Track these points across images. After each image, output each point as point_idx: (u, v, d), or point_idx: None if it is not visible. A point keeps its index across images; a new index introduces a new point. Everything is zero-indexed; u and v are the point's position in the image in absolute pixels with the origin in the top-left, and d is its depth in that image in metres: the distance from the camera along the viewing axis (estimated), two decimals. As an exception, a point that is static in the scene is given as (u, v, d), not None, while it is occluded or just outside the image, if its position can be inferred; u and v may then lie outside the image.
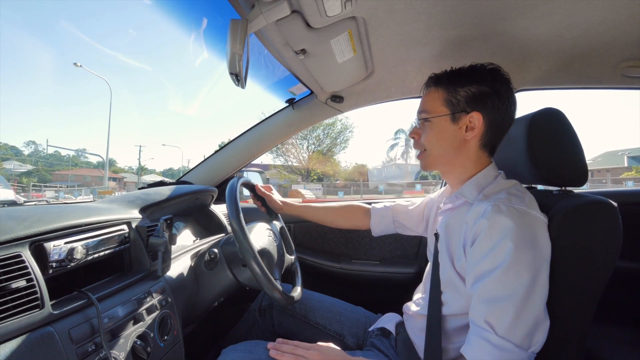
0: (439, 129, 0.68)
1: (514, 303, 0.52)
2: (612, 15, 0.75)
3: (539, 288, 0.53)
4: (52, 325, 0.52)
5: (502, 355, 0.52)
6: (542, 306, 0.54)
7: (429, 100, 0.70)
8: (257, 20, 0.65)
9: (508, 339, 0.52)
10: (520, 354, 0.52)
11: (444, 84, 0.68)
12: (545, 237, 0.57)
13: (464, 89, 0.66)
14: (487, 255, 0.55)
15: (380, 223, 0.98)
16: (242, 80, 0.66)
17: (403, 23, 0.79)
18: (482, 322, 0.54)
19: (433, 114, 0.68)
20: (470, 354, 0.55)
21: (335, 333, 0.90)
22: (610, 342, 0.96)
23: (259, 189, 1.03)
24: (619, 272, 0.70)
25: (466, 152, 0.68)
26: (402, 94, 1.24)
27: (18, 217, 0.58)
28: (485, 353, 0.53)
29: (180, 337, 0.77)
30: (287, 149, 22.66)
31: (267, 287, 0.74)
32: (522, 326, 0.52)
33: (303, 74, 1.02)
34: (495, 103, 0.65)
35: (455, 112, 0.66)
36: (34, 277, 0.52)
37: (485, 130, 0.66)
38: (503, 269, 0.53)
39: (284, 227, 1.08)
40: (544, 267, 0.55)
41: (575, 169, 0.68)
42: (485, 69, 0.66)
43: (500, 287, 0.54)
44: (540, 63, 0.99)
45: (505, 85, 0.65)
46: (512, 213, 0.56)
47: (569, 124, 0.70)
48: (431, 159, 0.71)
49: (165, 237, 0.75)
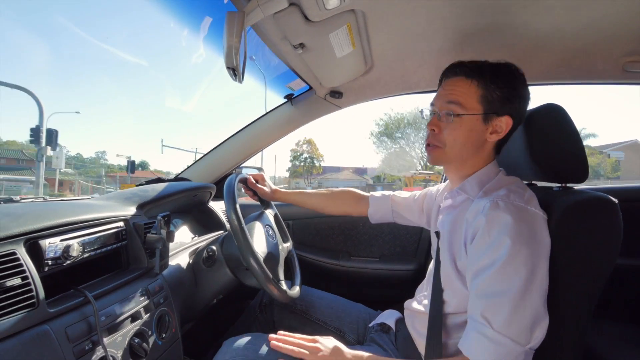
0: (468, 127, 0.63)
1: (510, 298, 0.52)
2: (613, 10, 0.74)
3: (536, 284, 0.53)
4: (48, 324, 0.52)
5: (497, 349, 0.51)
6: (541, 302, 0.53)
7: (463, 92, 0.63)
8: (254, 12, 0.64)
9: (504, 334, 0.51)
10: (516, 349, 0.51)
11: (479, 77, 0.62)
12: (544, 233, 0.57)
13: (500, 89, 0.61)
14: (486, 251, 0.55)
15: (378, 210, 0.97)
16: (240, 74, 0.65)
17: (403, 17, 0.77)
18: (479, 316, 0.54)
19: (468, 111, 0.62)
20: (466, 349, 0.55)
21: (336, 329, 0.90)
22: (611, 339, 0.96)
23: (250, 181, 1.02)
24: (620, 269, 0.70)
25: (482, 152, 0.66)
26: (402, 89, 1.22)
27: (13, 214, 0.57)
28: (481, 347, 0.52)
29: (179, 334, 0.77)
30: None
31: (266, 286, 0.74)
32: (519, 321, 0.52)
33: (301, 69, 1.00)
34: (522, 107, 0.64)
35: (489, 113, 0.62)
36: (29, 275, 0.51)
37: (507, 134, 0.64)
38: (501, 265, 0.53)
39: (277, 214, 1.07)
40: (543, 263, 0.54)
41: (575, 165, 0.68)
42: (518, 70, 0.63)
43: (497, 282, 0.53)
44: (541, 58, 0.98)
45: (527, 90, 0.64)
46: (510, 209, 0.56)
47: (570, 119, 0.69)
48: (448, 157, 0.66)
49: (163, 234, 0.75)
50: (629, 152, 22.46)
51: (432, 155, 0.68)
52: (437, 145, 0.66)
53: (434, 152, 0.68)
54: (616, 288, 0.87)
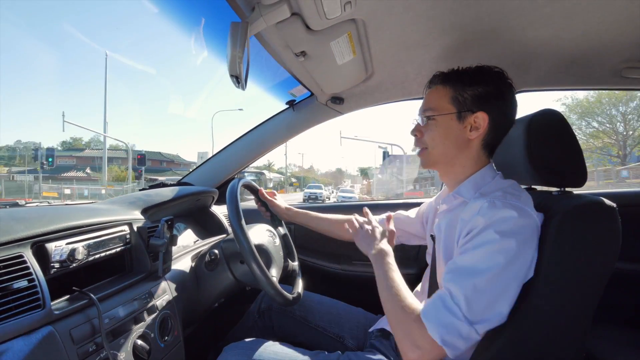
0: (444, 127, 0.68)
1: (479, 279, 0.54)
2: (611, 16, 0.75)
3: (507, 278, 0.55)
4: (53, 325, 0.53)
5: (447, 317, 0.54)
6: (504, 296, 0.55)
7: (435, 97, 0.69)
8: (257, 22, 0.65)
9: (460, 307, 0.54)
10: (463, 324, 0.53)
11: (451, 82, 0.68)
12: (534, 236, 0.58)
13: (471, 88, 0.66)
14: (472, 239, 0.58)
15: None
16: (243, 82, 0.66)
17: (402, 25, 0.79)
18: (444, 287, 0.58)
19: (439, 112, 0.68)
20: (423, 309, 0.58)
21: (336, 335, 0.90)
22: (610, 343, 0.96)
23: (263, 194, 1.03)
24: (619, 274, 0.70)
25: (468, 151, 0.68)
26: (402, 95, 1.24)
27: (20, 217, 0.58)
28: (436, 310, 0.56)
29: (181, 337, 0.77)
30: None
31: (265, 285, 0.75)
32: (477, 301, 0.54)
33: (303, 76, 1.02)
34: (500, 104, 0.66)
35: (461, 111, 0.66)
36: (35, 277, 0.53)
37: (489, 131, 0.66)
38: (481, 249, 0.56)
39: (287, 234, 1.08)
40: (521, 262, 0.56)
41: (574, 169, 0.69)
42: (492, 70, 0.67)
43: (471, 261, 0.57)
44: (539, 64, 1.00)
45: (509, 88, 0.67)
46: (508, 207, 0.57)
47: (568, 125, 0.70)
48: (433, 157, 0.71)
49: (166, 238, 0.76)
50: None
51: (420, 157, 0.74)
52: (422, 147, 0.72)
53: (421, 155, 0.73)
54: (615, 292, 0.87)
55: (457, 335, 0.53)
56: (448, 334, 0.53)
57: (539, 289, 0.58)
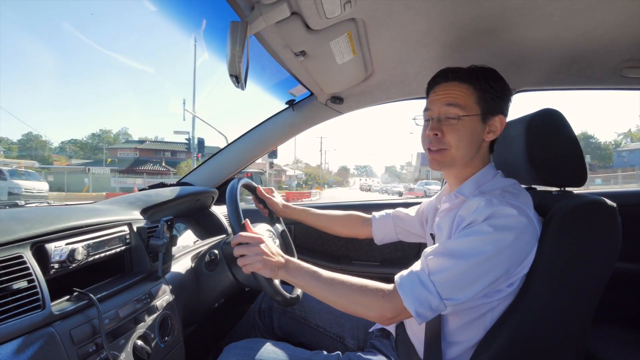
0: (470, 128, 0.64)
1: (462, 262, 0.56)
2: (611, 16, 0.75)
3: (488, 268, 0.56)
4: (53, 326, 0.52)
5: (422, 293, 0.56)
6: (480, 282, 0.56)
7: (461, 95, 0.64)
8: (257, 22, 0.65)
9: (435, 283, 0.56)
10: (434, 298, 0.56)
11: (473, 80, 0.65)
12: (526, 237, 0.58)
13: (493, 89, 0.65)
14: (465, 229, 0.59)
15: (380, 230, 0.97)
16: (242, 81, 0.66)
17: (402, 25, 0.79)
18: (425, 263, 0.59)
19: (467, 112, 0.64)
20: (400, 282, 0.60)
21: (336, 335, 0.90)
22: (610, 343, 0.96)
23: (260, 191, 1.03)
24: (619, 273, 0.70)
25: (481, 153, 0.69)
26: (402, 95, 1.24)
27: (19, 218, 0.58)
28: (412, 285, 0.58)
29: (181, 337, 0.77)
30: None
31: (265, 285, 0.74)
32: (453, 283, 0.56)
33: (303, 76, 1.02)
34: (509, 106, 0.69)
35: (487, 113, 0.65)
36: (35, 278, 0.52)
37: (501, 132, 0.68)
38: (472, 237, 0.57)
39: (285, 230, 1.08)
40: (508, 259, 0.57)
41: (574, 169, 0.69)
42: (499, 74, 0.68)
43: (459, 246, 0.58)
44: (539, 64, 0.99)
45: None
46: (504, 205, 0.58)
47: (568, 124, 0.70)
48: (453, 158, 0.66)
49: (166, 239, 0.76)
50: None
51: (437, 158, 0.67)
52: (443, 147, 0.66)
53: (439, 155, 0.67)
54: (616, 292, 0.87)
55: (428, 308, 0.56)
56: (421, 307, 0.56)
57: (539, 289, 0.58)
